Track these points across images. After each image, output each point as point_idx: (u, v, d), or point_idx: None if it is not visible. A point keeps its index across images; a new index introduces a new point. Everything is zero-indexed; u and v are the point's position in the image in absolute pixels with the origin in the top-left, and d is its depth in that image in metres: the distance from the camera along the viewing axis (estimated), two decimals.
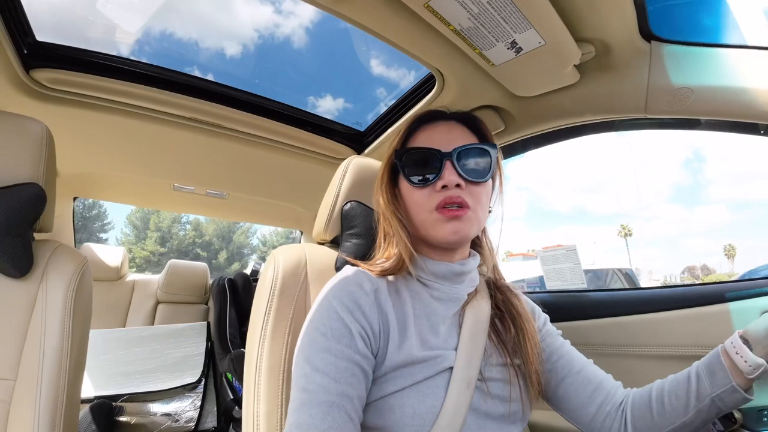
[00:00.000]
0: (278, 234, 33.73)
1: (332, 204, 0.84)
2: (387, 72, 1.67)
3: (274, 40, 11.94)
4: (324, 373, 0.53)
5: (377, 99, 1.60)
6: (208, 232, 30.33)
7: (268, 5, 12.88)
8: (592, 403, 0.66)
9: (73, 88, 1.15)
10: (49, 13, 1.10)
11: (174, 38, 2.72)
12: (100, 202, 22.12)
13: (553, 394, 0.70)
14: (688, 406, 0.59)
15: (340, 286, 0.61)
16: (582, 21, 0.82)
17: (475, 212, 0.63)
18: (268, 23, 12.91)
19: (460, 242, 0.65)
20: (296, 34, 10.70)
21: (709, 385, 0.58)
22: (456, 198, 0.61)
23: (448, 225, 0.62)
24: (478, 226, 0.65)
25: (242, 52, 9.12)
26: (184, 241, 29.46)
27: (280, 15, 12.75)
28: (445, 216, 0.62)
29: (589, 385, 0.67)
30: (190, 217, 32.96)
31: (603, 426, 0.65)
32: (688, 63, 0.87)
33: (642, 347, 1.01)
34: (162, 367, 1.80)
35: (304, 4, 0.85)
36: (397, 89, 1.33)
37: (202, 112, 1.29)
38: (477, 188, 0.64)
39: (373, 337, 0.58)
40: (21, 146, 0.80)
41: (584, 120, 1.10)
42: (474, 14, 0.76)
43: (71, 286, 0.81)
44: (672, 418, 0.60)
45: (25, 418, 0.73)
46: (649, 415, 0.62)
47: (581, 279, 1.28)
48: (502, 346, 0.65)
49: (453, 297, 0.67)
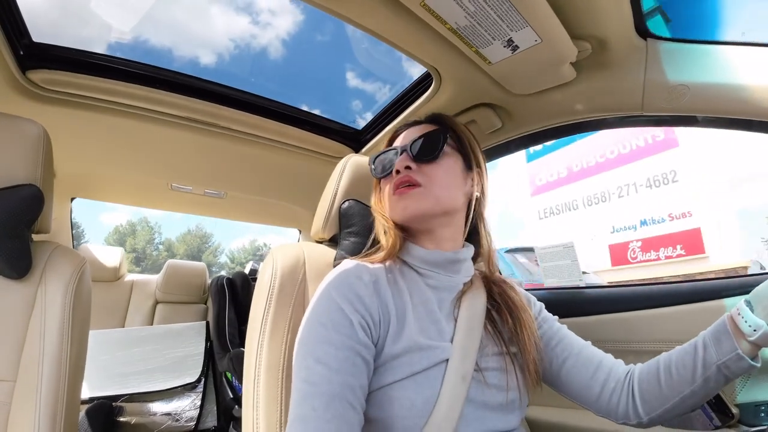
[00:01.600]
0: (245, 251, 35.94)
1: (330, 203, 0.84)
2: (384, 70, 1.67)
3: (271, 38, 11.83)
4: (325, 364, 0.53)
5: (375, 97, 1.60)
6: (180, 252, 31.16)
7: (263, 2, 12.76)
8: (596, 382, 0.67)
9: (70, 88, 1.14)
10: (45, 14, 1.09)
11: (169, 37, 2.69)
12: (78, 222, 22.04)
13: (556, 378, 0.71)
14: (695, 374, 0.59)
15: (339, 278, 0.61)
16: (578, 18, 0.82)
17: (427, 188, 0.67)
18: (266, 22, 12.80)
19: (413, 218, 0.68)
20: (294, 32, 10.55)
21: (715, 353, 0.58)
22: (404, 178, 0.68)
23: (399, 203, 0.68)
24: (434, 201, 0.67)
25: (238, 50, 9.03)
26: (157, 260, 30.24)
27: (278, 11, 12.64)
28: (395, 195, 0.68)
29: (590, 364, 0.68)
30: (163, 237, 35.05)
31: (610, 402, 0.66)
32: (685, 60, 0.87)
33: (641, 343, 1.02)
34: (161, 367, 1.80)
35: (301, 3, 0.85)
36: (394, 88, 1.33)
37: (199, 111, 1.29)
38: (429, 167, 0.69)
39: (373, 326, 0.58)
40: (18, 148, 0.80)
41: (581, 117, 1.10)
42: (470, 12, 0.76)
43: (70, 287, 0.81)
44: (680, 387, 0.61)
45: (26, 420, 0.73)
46: (657, 386, 0.63)
47: (579, 276, 1.28)
48: (498, 335, 0.66)
49: (448, 286, 0.68)
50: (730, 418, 0.84)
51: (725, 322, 0.59)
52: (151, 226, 33.21)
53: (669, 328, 0.98)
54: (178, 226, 45.73)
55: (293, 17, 7.81)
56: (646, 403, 0.64)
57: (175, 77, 1.23)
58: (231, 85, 1.31)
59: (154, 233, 33.27)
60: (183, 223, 59.11)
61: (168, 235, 40.73)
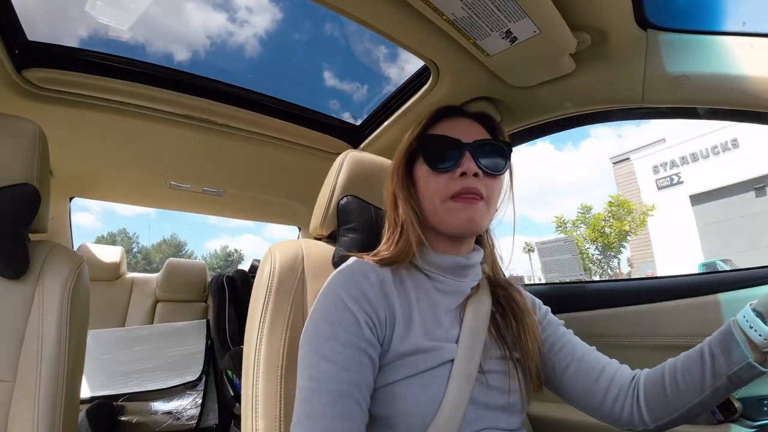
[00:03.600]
0: (217, 257, 38.79)
1: (328, 199, 0.83)
2: (382, 65, 1.66)
3: (268, 34, 11.80)
4: (332, 361, 0.53)
5: (373, 93, 1.59)
6: (156, 260, 33.54)
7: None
8: (598, 388, 0.66)
9: (66, 87, 1.14)
10: (39, 13, 1.09)
11: (165, 35, 2.68)
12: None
13: (559, 383, 0.70)
14: (704, 384, 0.58)
15: (346, 276, 0.61)
16: (577, 9, 0.81)
17: (488, 204, 0.65)
18: (261, 18, 12.65)
19: (472, 231, 0.66)
20: (291, 28, 10.68)
21: (725, 363, 0.56)
22: (472, 188, 0.63)
23: (463, 213, 0.63)
24: (488, 218, 0.67)
25: (235, 46, 9.04)
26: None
27: (274, 7, 12.59)
28: (460, 203, 0.63)
29: (593, 371, 0.67)
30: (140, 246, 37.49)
31: (614, 409, 0.65)
32: (685, 51, 0.86)
33: (643, 337, 1.01)
34: (162, 365, 1.80)
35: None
36: (392, 82, 1.32)
37: (196, 108, 1.28)
38: (492, 181, 0.66)
39: (379, 325, 0.58)
40: (13, 147, 0.80)
41: (581, 110, 1.10)
42: (467, 3, 0.75)
43: (67, 286, 0.81)
44: (688, 396, 0.59)
45: (25, 420, 0.73)
46: (664, 395, 0.61)
47: (579, 270, 1.28)
48: (502, 340, 0.65)
49: (457, 290, 0.68)
50: (733, 412, 0.83)
51: (732, 330, 0.57)
52: (129, 237, 36.22)
53: (672, 321, 0.97)
54: (154, 234, 47.41)
55: (291, 12, 7.74)
56: (653, 411, 0.62)
57: (172, 74, 1.22)
58: (228, 82, 1.30)
59: (132, 243, 35.94)
60: (158, 232, 62.18)
61: (145, 243, 42.74)
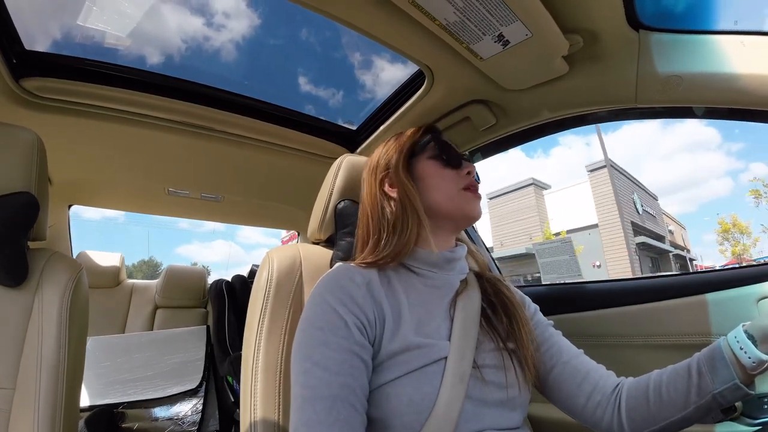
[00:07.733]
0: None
1: (326, 203, 0.84)
2: (378, 70, 1.66)
3: (263, 39, 11.78)
4: (324, 367, 0.53)
5: (368, 97, 1.60)
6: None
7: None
8: (581, 393, 0.66)
9: (64, 96, 1.14)
10: (37, 22, 1.09)
11: (162, 43, 2.67)
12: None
13: (544, 384, 0.71)
14: (688, 400, 0.58)
15: (331, 281, 0.61)
16: (569, 11, 0.82)
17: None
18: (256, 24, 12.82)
19: (477, 220, 0.73)
20: (286, 33, 10.51)
21: (711, 382, 0.56)
22: (476, 185, 0.73)
23: (474, 202, 0.71)
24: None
25: (231, 52, 9.04)
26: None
27: (271, 14, 12.59)
28: (471, 194, 0.71)
29: (577, 375, 0.67)
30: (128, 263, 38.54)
31: (594, 415, 0.65)
32: (677, 50, 0.87)
33: (639, 337, 1.01)
34: (162, 373, 1.80)
35: (290, 4, 0.84)
36: (387, 87, 1.33)
37: (193, 115, 1.29)
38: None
39: (369, 326, 0.58)
40: (12, 155, 0.80)
41: (575, 111, 1.10)
42: (459, 8, 0.76)
43: (66, 294, 0.81)
44: (671, 410, 0.59)
45: (25, 427, 0.73)
46: (646, 405, 0.61)
47: (578, 271, 1.28)
48: (494, 331, 0.66)
49: (446, 283, 0.69)
50: (732, 411, 0.83)
51: (721, 350, 0.57)
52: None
53: (668, 321, 0.97)
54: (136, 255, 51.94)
55: (285, 17, 7.69)
56: (633, 421, 0.62)
57: (170, 82, 1.23)
58: (225, 88, 1.31)
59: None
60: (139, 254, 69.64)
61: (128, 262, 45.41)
